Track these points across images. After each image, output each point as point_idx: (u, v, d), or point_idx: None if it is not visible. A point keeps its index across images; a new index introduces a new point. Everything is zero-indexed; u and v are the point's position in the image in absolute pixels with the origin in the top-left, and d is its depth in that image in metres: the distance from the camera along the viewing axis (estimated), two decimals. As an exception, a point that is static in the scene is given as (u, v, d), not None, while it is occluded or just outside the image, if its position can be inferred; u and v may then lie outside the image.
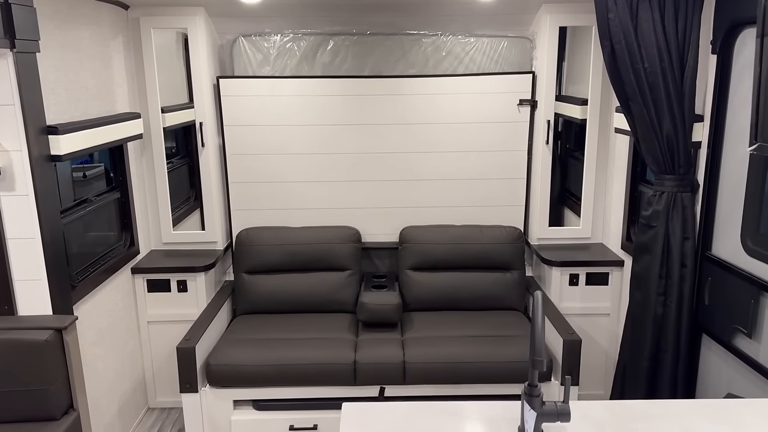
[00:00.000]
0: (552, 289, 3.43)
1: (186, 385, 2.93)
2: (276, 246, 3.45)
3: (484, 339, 3.09)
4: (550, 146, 3.50)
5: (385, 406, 1.74)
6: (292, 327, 3.25)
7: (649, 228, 2.68)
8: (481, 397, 3.02)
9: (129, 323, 3.29)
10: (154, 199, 3.53)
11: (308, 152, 3.56)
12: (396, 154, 3.57)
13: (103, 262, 3.05)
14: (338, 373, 2.96)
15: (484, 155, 3.58)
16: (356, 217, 3.64)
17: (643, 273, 2.72)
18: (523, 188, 3.64)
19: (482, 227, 3.53)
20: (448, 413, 1.71)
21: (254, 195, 3.61)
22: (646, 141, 2.62)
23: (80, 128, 2.65)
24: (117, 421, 3.11)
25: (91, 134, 2.73)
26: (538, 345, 1.36)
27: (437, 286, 3.44)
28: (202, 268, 3.35)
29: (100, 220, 3.12)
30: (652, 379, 2.70)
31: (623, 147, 3.36)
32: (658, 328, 2.66)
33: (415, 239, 3.48)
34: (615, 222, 3.50)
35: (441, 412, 1.72)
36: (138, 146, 3.43)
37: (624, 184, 3.38)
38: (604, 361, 3.53)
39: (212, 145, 3.49)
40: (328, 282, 3.45)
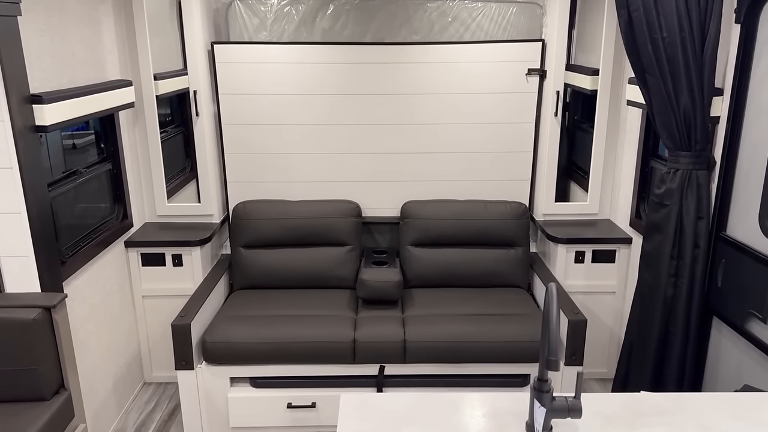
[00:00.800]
0: (557, 267, 3.34)
1: (181, 362, 2.86)
2: (274, 220, 3.35)
3: (486, 318, 3.02)
4: (558, 118, 3.36)
5: (384, 398, 1.66)
6: (290, 303, 3.17)
7: (661, 207, 2.57)
8: (482, 377, 2.97)
9: (123, 298, 3.21)
10: (147, 171, 3.41)
11: (307, 123, 3.42)
12: (398, 126, 3.43)
13: (94, 236, 2.95)
14: (337, 351, 2.89)
15: (490, 127, 3.45)
16: (356, 190, 3.53)
17: (653, 253, 2.62)
18: (530, 162, 3.52)
19: (486, 202, 3.42)
20: (452, 404, 1.63)
21: (251, 167, 3.49)
22: (662, 115, 2.49)
23: (67, 97, 2.52)
24: (112, 397, 3.06)
25: (78, 103, 2.60)
26: (554, 343, 1.26)
27: (439, 262, 3.35)
28: (197, 242, 3.25)
29: (92, 193, 3.01)
30: (659, 362, 2.63)
31: (635, 120, 3.23)
32: (667, 309, 2.58)
33: (416, 214, 3.38)
34: (624, 198, 3.39)
35: (443, 403, 1.64)
36: (130, 115, 3.30)
37: (634, 159, 3.25)
38: (607, 340, 3.46)
39: (207, 115, 3.36)
40: (328, 257, 3.36)
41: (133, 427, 3.08)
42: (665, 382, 2.61)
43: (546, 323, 1.33)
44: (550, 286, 1.28)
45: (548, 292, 1.27)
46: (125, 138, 3.24)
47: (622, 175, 3.39)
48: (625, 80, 3.26)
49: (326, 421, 2.98)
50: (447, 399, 1.65)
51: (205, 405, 2.96)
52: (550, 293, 1.26)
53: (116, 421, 3.11)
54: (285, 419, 2.98)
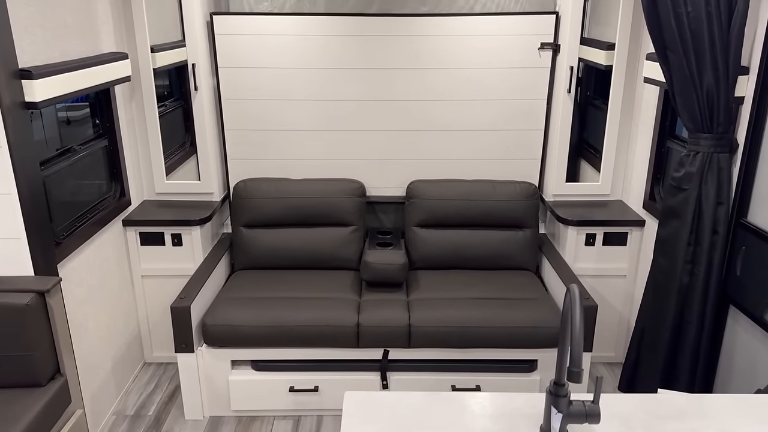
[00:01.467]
0: (567, 249, 3.25)
1: (181, 345, 2.80)
2: (275, 199, 3.25)
3: (493, 302, 2.94)
4: (572, 95, 3.23)
5: (390, 397, 1.58)
6: (293, 285, 3.10)
7: (679, 191, 2.46)
8: (489, 362, 2.90)
9: (122, 278, 3.13)
10: (145, 147, 3.30)
11: (310, 98, 3.30)
12: (404, 102, 3.31)
13: (90, 216, 2.86)
14: (340, 335, 2.82)
15: (500, 104, 3.32)
16: (361, 169, 3.42)
17: (669, 239, 2.52)
18: (540, 140, 3.40)
19: (495, 182, 3.31)
20: (461, 405, 1.56)
21: (252, 143, 3.38)
22: (683, 95, 2.36)
23: (58, 71, 2.40)
24: (111, 378, 3.01)
25: (71, 78, 2.48)
26: (576, 352, 1.16)
27: (445, 244, 3.26)
28: (197, 221, 3.16)
29: (87, 170, 2.91)
30: (672, 350, 2.55)
31: (651, 98, 3.10)
32: (682, 297, 2.49)
33: (422, 194, 3.27)
34: (637, 179, 3.27)
35: (452, 403, 1.56)
36: (126, 89, 3.18)
37: (650, 139, 3.13)
38: (617, 324, 3.39)
39: (206, 89, 3.24)
40: (331, 238, 3.27)
41: (133, 409, 3.04)
42: (678, 370, 2.53)
43: (566, 328, 1.24)
44: (571, 288, 1.18)
45: (569, 294, 1.17)
46: (122, 113, 3.13)
47: (636, 156, 3.28)
48: (642, 56, 3.12)
49: (329, 405, 2.93)
50: (456, 399, 1.57)
51: (206, 388, 2.91)
52: (571, 296, 1.17)
53: (116, 402, 3.06)
54: (287, 403, 2.93)
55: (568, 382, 1.33)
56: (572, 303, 1.14)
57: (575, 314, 1.13)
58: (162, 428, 2.91)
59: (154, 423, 2.94)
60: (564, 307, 1.24)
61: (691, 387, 2.52)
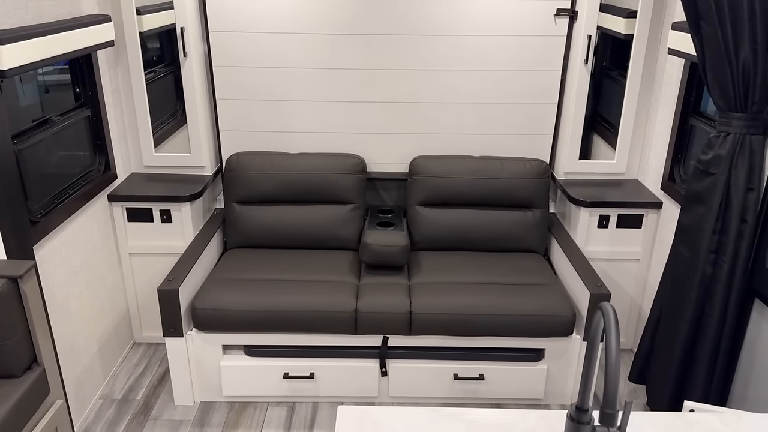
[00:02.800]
0: (578, 231, 3.07)
1: (170, 329, 2.66)
2: (270, 174, 3.06)
3: (499, 287, 2.77)
4: (589, 66, 3.01)
5: (389, 413, 1.42)
6: (288, 265, 2.93)
7: (706, 175, 2.27)
8: (493, 350, 2.76)
9: (108, 256, 2.97)
10: (132, 117, 3.10)
11: (308, 66, 3.08)
12: (409, 71, 3.09)
13: (72, 191, 2.68)
14: (338, 321, 2.66)
15: (511, 75, 3.10)
16: (361, 143, 3.22)
17: (693, 226, 2.34)
18: (553, 115, 3.19)
19: (503, 159, 3.11)
20: (469, 423, 1.40)
21: (245, 114, 3.17)
22: (716, 70, 2.15)
23: (31, 35, 2.18)
24: (98, 361, 2.87)
25: (45, 42, 2.27)
26: (611, 391, 0.96)
27: (450, 224, 3.08)
28: (187, 197, 2.98)
29: (68, 142, 2.72)
30: (690, 344, 2.39)
31: (675, 71, 2.88)
32: (704, 289, 2.32)
33: (426, 171, 3.08)
34: (656, 158, 3.07)
35: (456, 421, 1.40)
36: (110, 55, 2.96)
37: (671, 115, 2.92)
38: (628, 309, 3.23)
39: (196, 55, 3.01)
40: (329, 216, 3.09)
41: (121, 393, 2.91)
42: (695, 365, 2.38)
43: (593, 350, 1.06)
44: (604, 308, 0.99)
45: (603, 317, 0.98)
46: (105, 81, 2.91)
47: (656, 133, 3.07)
48: (666, 25, 2.88)
49: (325, 392, 2.80)
50: (461, 417, 1.41)
51: (196, 373, 2.78)
52: (605, 319, 0.98)
53: (102, 386, 2.94)
54: (281, 389, 2.80)
55: (591, 407, 1.17)
56: (607, 328, 0.96)
57: (611, 342, 0.94)
58: (150, 413, 2.78)
59: (143, 408, 2.82)
60: (592, 327, 1.07)
61: (709, 383, 2.37)
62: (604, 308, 0.98)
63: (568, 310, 2.65)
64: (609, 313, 0.96)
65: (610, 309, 0.97)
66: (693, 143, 2.84)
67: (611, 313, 0.96)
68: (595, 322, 1.06)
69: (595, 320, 1.06)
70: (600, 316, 1.04)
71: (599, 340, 1.05)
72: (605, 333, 0.95)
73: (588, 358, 1.09)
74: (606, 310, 0.97)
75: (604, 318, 0.96)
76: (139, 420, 2.74)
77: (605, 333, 0.95)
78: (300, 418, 2.77)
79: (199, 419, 2.75)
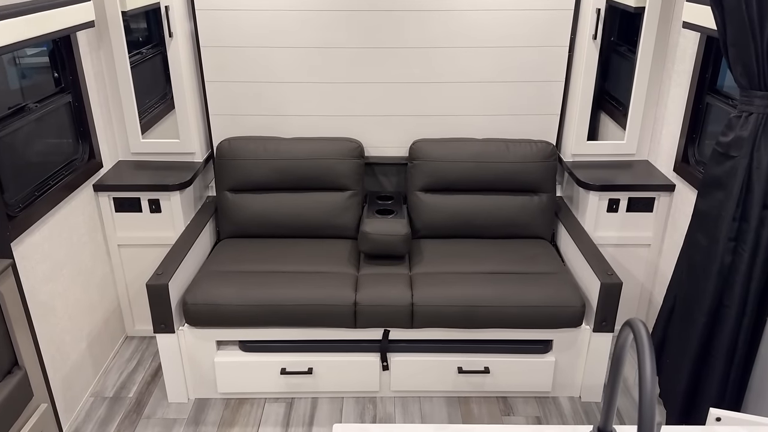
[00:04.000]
0: (586, 216, 2.94)
1: (160, 325, 2.54)
2: (264, 160, 2.92)
3: (505, 277, 2.65)
4: (598, 42, 2.84)
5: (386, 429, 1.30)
6: (283, 257, 2.81)
7: (726, 158, 2.12)
8: (499, 342, 2.64)
9: (95, 249, 2.84)
10: (117, 101, 2.95)
11: (302, 45, 2.91)
12: (408, 50, 2.92)
13: (54, 182, 2.54)
14: (336, 315, 2.55)
15: (515, 52, 2.94)
16: (359, 126, 3.07)
17: (712, 212, 2.20)
18: (560, 93, 3.03)
19: (508, 142, 2.97)
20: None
21: (237, 97, 3.02)
22: (738, 45, 1.99)
23: (2, 16, 2.03)
24: (87, 358, 2.76)
25: (18, 24, 2.11)
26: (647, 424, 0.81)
27: (452, 210, 2.94)
28: (176, 186, 2.84)
29: (48, 130, 2.58)
30: (708, 337, 2.27)
31: (690, 46, 2.72)
32: (723, 279, 2.19)
33: (427, 155, 2.93)
34: (668, 138, 2.92)
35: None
36: (92, 37, 2.80)
37: (685, 93, 2.76)
38: (638, 296, 3.11)
39: (182, 35, 2.85)
40: (326, 204, 2.95)
41: (113, 390, 2.81)
42: (712, 359, 2.26)
43: (617, 372, 0.93)
44: (634, 325, 0.85)
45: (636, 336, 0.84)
46: (87, 64, 2.76)
47: (668, 111, 2.91)
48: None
49: (324, 387, 2.70)
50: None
51: (190, 370, 2.67)
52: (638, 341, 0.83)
53: (93, 383, 2.83)
54: (279, 385, 2.69)
55: (614, 429, 1.05)
56: (641, 352, 0.81)
57: (645, 368, 0.80)
58: (143, 412, 2.68)
59: (135, 406, 2.71)
60: (618, 344, 0.94)
61: (726, 378, 2.25)
62: (636, 327, 0.84)
63: (577, 301, 2.53)
64: (641, 333, 0.82)
65: (642, 328, 0.83)
66: (708, 123, 2.69)
67: (644, 333, 0.83)
68: (621, 339, 0.93)
69: (622, 337, 0.93)
70: (627, 333, 0.91)
71: (624, 359, 0.92)
72: (639, 357, 0.82)
73: (613, 379, 0.96)
74: (638, 329, 0.83)
75: (636, 339, 0.83)
76: (131, 419, 2.64)
77: (639, 357, 0.82)
78: (299, 415, 2.66)
79: (193, 417, 2.65)
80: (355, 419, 2.64)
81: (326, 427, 2.60)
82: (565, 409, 2.70)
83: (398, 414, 2.66)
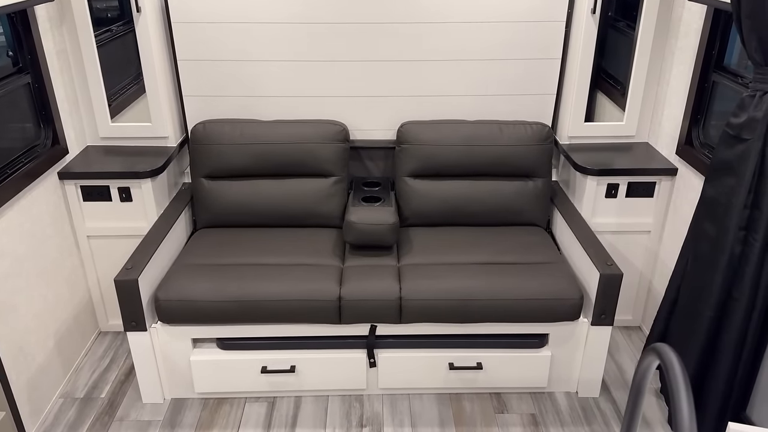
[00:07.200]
0: (584, 202, 2.78)
1: (131, 323, 2.37)
2: (242, 145, 2.73)
3: (499, 267, 2.50)
4: (597, 17, 2.67)
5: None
6: (263, 248, 2.64)
7: (738, 141, 1.97)
8: (492, 337, 2.50)
9: (62, 241, 2.66)
10: (83, 82, 2.74)
11: (280, 20, 2.72)
12: (396, 26, 2.73)
13: (12, 170, 2.35)
14: (319, 311, 2.39)
15: (509, 27, 2.76)
16: (343, 108, 2.88)
17: (721, 199, 2.05)
18: (556, 72, 2.86)
19: (502, 124, 2.80)
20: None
21: (212, 77, 2.82)
22: (753, 18, 1.83)
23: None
24: (55, 357, 2.59)
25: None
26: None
27: (443, 197, 2.78)
28: (147, 173, 2.65)
29: (4, 114, 2.38)
30: (715, 331, 2.14)
31: (695, 20, 2.55)
32: (732, 270, 2.05)
33: (416, 138, 2.76)
34: (669, 119, 2.76)
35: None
36: (53, 12, 2.59)
37: (690, 70, 2.60)
38: (636, 284, 2.98)
39: (151, 10, 2.64)
40: (308, 191, 2.78)
41: (84, 390, 2.65)
42: (719, 353, 2.13)
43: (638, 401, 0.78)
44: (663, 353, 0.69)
45: (668, 369, 0.68)
46: (48, 42, 2.55)
47: (671, 90, 2.75)
48: (686, -34, 2.54)
49: (307, 386, 2.55)
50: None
51: (165, 369, 2.51)
52: (671, 377, 0.67)
53: (63, 383, 2.67)
54: (259, 384, 2.54)
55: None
56: (675, 390, 0.65)
57: (682, 412, 0.64)
58: (116, 413, 2.53)
59: (108, 407, 2.56)
60: (639, 371, 0.78)
61: (734, 374, 2.12)
62: (667, 358, 0.68)
63: (575, 293, 2.38)
64: (675, 366, 0.66)
65: (674, 360, 0.67)
66: (714, 102, 2.53)
67: (677, 365, 0.67)
68: (643, 368, 0.78)
69: (644, 365, 0.77)
70: (651, 361, 0.75)
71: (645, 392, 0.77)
72: (672, 395, 0.66)
73: (631, 411, 0.81)
74: (670, 361, 0.67)
75: (669, 375, 0.67)
76: (103, 421, 2.49)
77: (672, 395, 0.66)
78: (281, 415, 2.52)
79: (169, 419, 2.49)
80: (341, 419, 2.50)
81: (310, 427, 2.45)
82: (561, 405, 2.57)
83: (386, 413, 2.52)
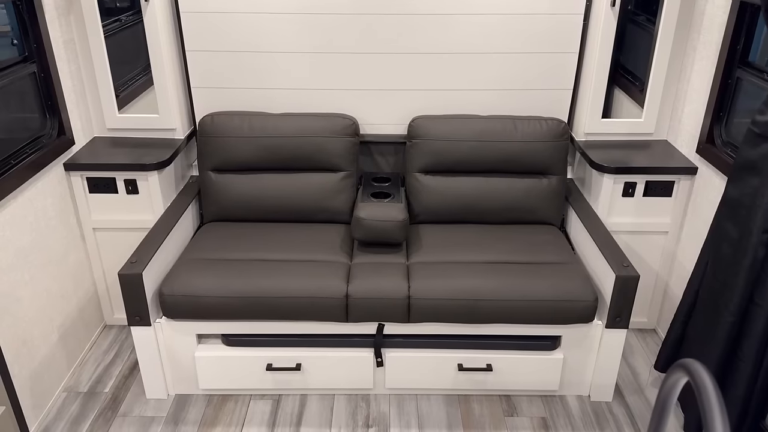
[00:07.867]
0: (600, 201, 2.71)
1: (135, 317, 2.34)
2: (250, 138, 2.69)
3: (511, 267, 2.43)
4: (616, 10, 2.58)
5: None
6: (270, 243, 2.59)
7: (764, 140, 1.89)
8: (503, 338, 2.44)
9: (68, 233, 2.63)
10: (90, 72, 2.71)
11: (290, 11, 2.66)
12: (408, 18, 2.66)
13: (16, 161, 2.32)
14: (326, 308, 2.34)
15: (525, 20, 2.68)
16: (353, 102, 2.82)
17: (744, 200, 1.97)
18: (573, 66, 2.78)
19: (516, 119, 2.72)
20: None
21: (220, 68, 2.77)
22: (784, 10, 1.74)
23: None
24: (60, 350, 2.57)
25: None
26: None
27: (454, 194, 2.72)
28: (154, 165, 2.61)
29: (10, 103, 2.35)
30: (735, 337, 2.06)
31: (719, 14, 2.46)
32: (755, 274, 1.97)
33: (427, 133, 2.70)
34: (690, 116, 2.68)
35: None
36: (61, 1, 2.55)
37: (712, 66, 2.51)
38: (652, 286, 2.90)
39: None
40: (317, 185, 2.72)
41: (87, 384, 2.62)
42: (739, 360, 2.05)
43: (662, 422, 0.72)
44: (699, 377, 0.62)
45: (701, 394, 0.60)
46: (55, 31, 2.51)
47: (691, 87, 2.66)
48: (711, -42, 2.45)
49: (314, 384, 2.51)
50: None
51: (169, 364, 2.47)
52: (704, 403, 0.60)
53: (67, 377, 2.64)
54: (265, 381, 2.50)
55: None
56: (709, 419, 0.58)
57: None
58: (119, 408, 2.49)
59: (111, 402, 2.53)
60: (663, 390, 0.72)
61: (753, 382, 2.04)
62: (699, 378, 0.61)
63: (589, 294, 2.31)
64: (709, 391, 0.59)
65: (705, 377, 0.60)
66: (738, 100, 2.44)
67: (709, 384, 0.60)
68: (669, 385, 0.71)
69: (670, 382, 0.71)
70: (678, 378, 0.69)
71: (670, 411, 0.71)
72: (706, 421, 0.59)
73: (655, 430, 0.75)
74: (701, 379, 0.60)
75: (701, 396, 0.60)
76: (106, 416, 2.46)
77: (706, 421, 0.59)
78: (286, 413, 2.47)
79: (173, 415, 2.46)
80: (347, 418, 2.45)
81: (315, 426, 2.41)
82: (573, 409, 2.51)
83: (393, 413, 2.47)
